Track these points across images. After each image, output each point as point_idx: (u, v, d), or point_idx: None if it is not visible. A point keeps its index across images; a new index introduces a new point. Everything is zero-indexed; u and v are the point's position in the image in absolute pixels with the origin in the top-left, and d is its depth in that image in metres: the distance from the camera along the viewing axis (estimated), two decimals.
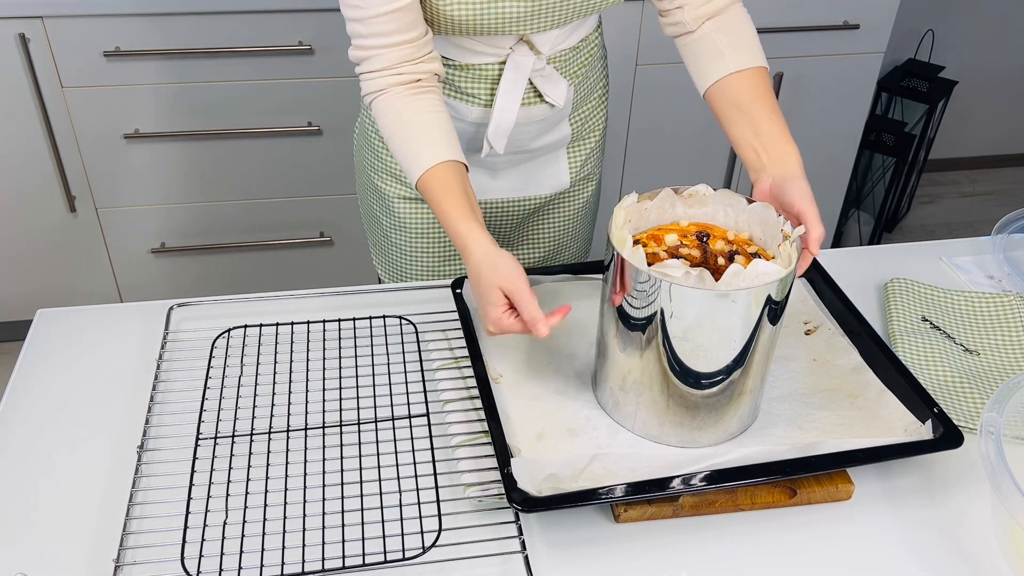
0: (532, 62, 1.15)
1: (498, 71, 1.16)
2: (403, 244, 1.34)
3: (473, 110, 1.19)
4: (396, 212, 1.32)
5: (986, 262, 1.32)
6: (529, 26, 1.10)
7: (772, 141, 1.07)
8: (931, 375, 1.11)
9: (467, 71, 1.16)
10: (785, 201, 1.01)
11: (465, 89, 1.18)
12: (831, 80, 2.41)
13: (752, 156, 1.08)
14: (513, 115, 1.18)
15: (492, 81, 1.17)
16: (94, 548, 0.89)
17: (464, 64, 1.16)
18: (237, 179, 2.24)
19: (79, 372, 1.10)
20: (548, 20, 1.11)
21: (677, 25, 1.16)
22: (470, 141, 1.23)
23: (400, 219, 1.32)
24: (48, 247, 2.26)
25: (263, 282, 2.41)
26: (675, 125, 2.39)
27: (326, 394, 1.06)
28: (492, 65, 1.16)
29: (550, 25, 1.12)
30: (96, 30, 1.97)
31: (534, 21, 1.10)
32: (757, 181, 1.06)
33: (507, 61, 1.15)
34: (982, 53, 3.15)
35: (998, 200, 3.31)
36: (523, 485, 0.88)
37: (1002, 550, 0.90)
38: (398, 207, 1.31)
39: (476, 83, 1.17)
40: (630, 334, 0.93)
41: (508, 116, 1.18)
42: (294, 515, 0.91)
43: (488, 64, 1.16)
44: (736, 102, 1.10)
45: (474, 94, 1.18)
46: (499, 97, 1.17)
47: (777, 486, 0.94)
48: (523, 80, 1.16)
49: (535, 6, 1.07)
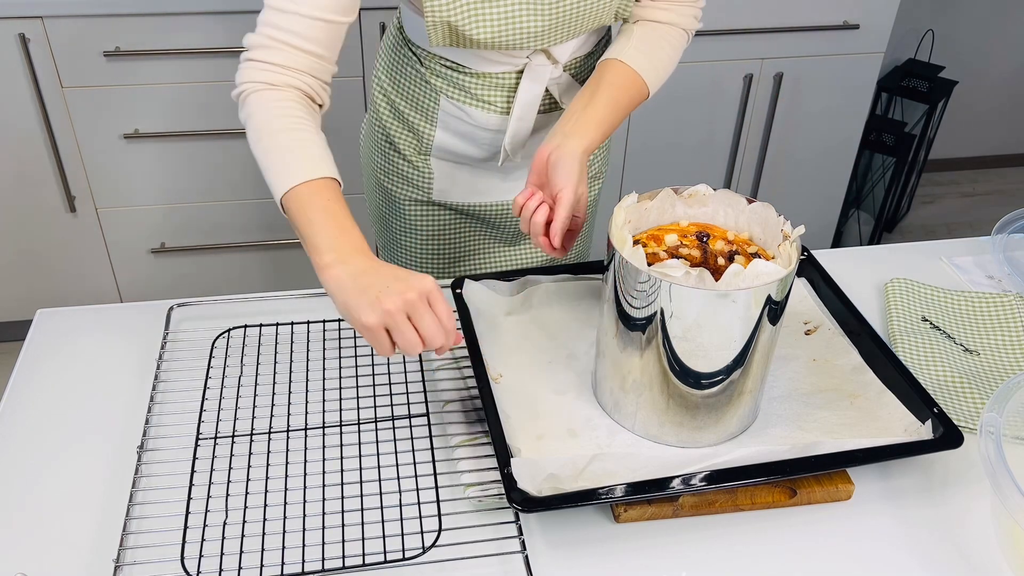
0: (550, 71, 1.15)
1: (515, 80, 1.16)
2: (413, 246, 1.34)
3: (491, 118, 1.19)
4: (407, 215, 1.31)
5: (986, 262, 1.32)
6: (549, 40, 1.10)
7: (585, 122, 1.07)
8: (931, 375, 1.11)
9: (483, 79, 1.16)
10: (554, 175, 1.03)
11: (482, 96, 1.17)
12: (831, 80, 2.41)
13: (561, 121, 1.08)
14: (530, 123, 1.18)
15: (509, 90, 1.17)
16: (94, 548, 0.89)
17: (480, 72, 1.15)
18: (237, 179, 2.23)
19: (79, 372, 1.10)
20: (566, 32, 1.10)
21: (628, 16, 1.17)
22: (484, 148, 1.23)
23: (411, 222, 1.32)
24: (48, 247, 2.26)
25: (263, 282, 2.41)
26: (675, 125, 2.39)
27: (326, 394, 1.06)
28: (509, 74, 1.16)
29: (568, 36, 1.12)
30: (96, 30, 1.97)
31: (554, 35, 1.09)
32: (547, 142, 1.06)
33: (524, 71, 1.15)
34: (982, 53, 3.15)
35: (998, 200, 3.31)
36: (523, 485, 0.88)
37: (1002, 550, 0.90)
38: (409, 210, 1.31)
39: (493, 91, 1.17)
40: (630, 334, 0.93)
41: (525, 125, 1.18)
42: (294, 515, 0.91)
43: (505, 73, 1.15)
44: (600, 77, 1.11)
45: (491, 101, 1.17)
46: (516, 107, 1.16)
47: (777, 486, 0.94)
48: (540, 89, 1.16)
49: (554, 21, 1.07)
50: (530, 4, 1.05)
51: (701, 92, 2.36)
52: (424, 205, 1.30)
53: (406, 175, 1.28)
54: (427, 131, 1.23)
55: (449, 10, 1.03)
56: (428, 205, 1.30)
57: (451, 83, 1.17)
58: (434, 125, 1.22)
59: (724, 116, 2.41)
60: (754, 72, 2.34)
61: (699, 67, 2.29)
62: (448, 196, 1.29)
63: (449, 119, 1.21)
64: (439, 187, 1.28)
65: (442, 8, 1.03)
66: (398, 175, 1.29)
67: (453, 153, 1.25)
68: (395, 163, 1.28)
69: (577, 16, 1.08)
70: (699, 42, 2.17)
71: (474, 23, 1.04)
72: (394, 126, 1.26)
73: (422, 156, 1.26)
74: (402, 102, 1.24)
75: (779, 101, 2.40)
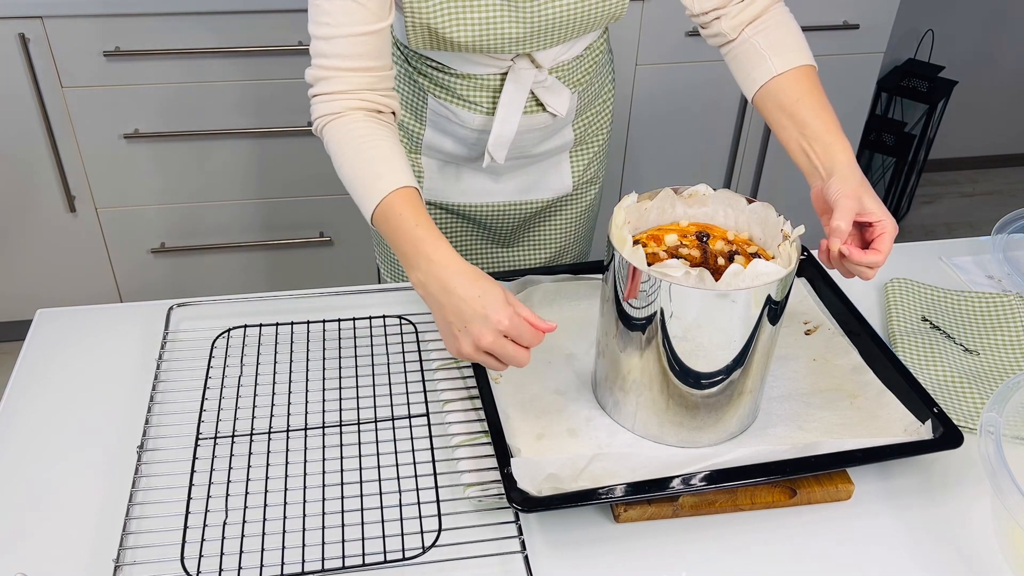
0: (533, 75, 1.15)
1: (499, 82, 1.16)
2: None
3: (475, 117, 1.19)
4: None
5: (986, 262, 1.32)
6: (530, 45, 1.10)
7: (818, 139, 1.03)
8: (931, 375, 1.11)
9: (468, 80, 1.16)
10: (830, 200, 0.98)
11: (466, 97, 1.18)
12: (831, 80, 2.40)
13: (803, 159, 1.05)
14: (514, 126, 1.17)
15: (493, 91, 1.17)
16: (94, 548, 0.89)
17: (464, 73, 1.16)
18: (237, 179, 2.23)
19: (79, 372, 1.09)
20: (548, 39, 1.10)
21: (718, 36, 1.13)
22: (472, 148, 1.23)
23: None
24: (48, 247, 2.26)
25: (263, 282, 2.41)
26: (675, 125, 2.39)
27: (326, 394, 1.06)
28: (493, 75, 1.16)
29: (551, 43, 1.12)
30: (96, 30, 1.97)
31: (535, 41, 1.09)
32: (812, 186, 1.03)
33: (508, 74, 1.15)
34: (982, 53, 3.15)
35: (998, 200, 3.31)
36: (523, 485, 0.88)
37: (1002, 550, 0.90)
38: None
39: (477, 92, 1.17)
40: (630, 334, 0.93)
41: (509, 127, 1.18)
42: (294, 515, 0.91)
43: (489, 75, 1.16)
44: (780, 105, 1.07)
45: (476, 102, 1.18)
46: (500, 109, 1.16)
47: (777, 486, 0.94)
48: (524, 92, 1.16)
49: (534, 28, 1.07)
50: (509, 10, 1.05)
51: (701, 92, 2.36)
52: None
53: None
54: (417, 129, 1.24)
55: (429, 13, 1.04)
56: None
57: (436, 83, 1.18)
58: (423, 123, 1.23)
59: (724, 116, 2.41)
60: None
61: (699, 67, 2.29)
62: (439, 195, 1.30)
63: (437, 118, 1.22)
64: (429, 186, 1.29)
65: (422, 10, 1.04)
66: None
67: (442, 152, 1.25)
68: None
69: (559, 25, 1.08)
70: (699, 42, 2.18)
71: (453, 26, 1.05)
72: None
73: (413, 155, 1.27)
74: None
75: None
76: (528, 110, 1.18)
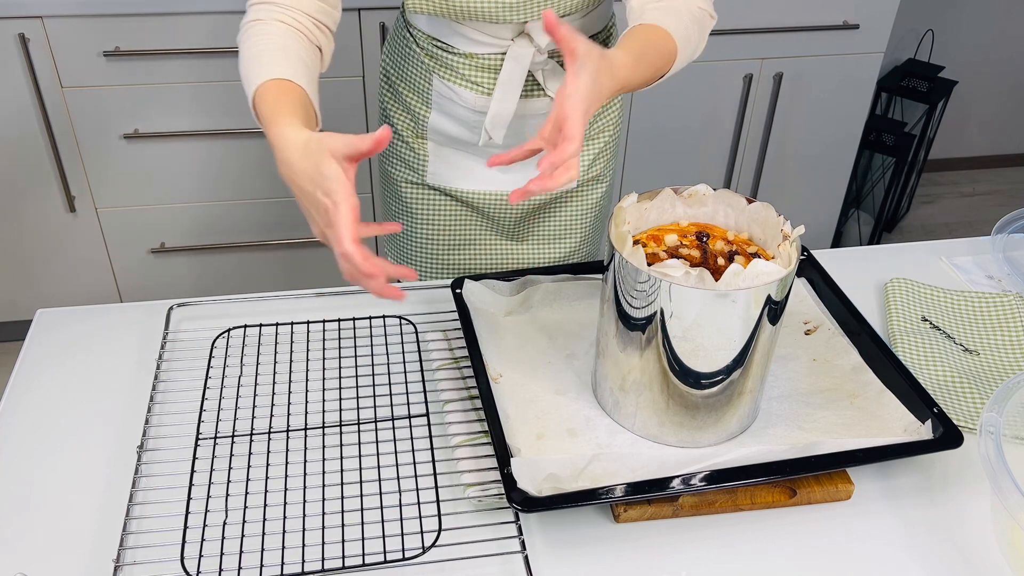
0: (532, 55, 1.16)
1: (500, 62, 1.17)
2: (411, 230, 1.36)
3: (479, 99, 1.20)
4: (403, 197, 1.33)
5: (986, 262, 1.32)
6: (526, 13, 1.11)
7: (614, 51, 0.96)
8: (931, 375, 1.11)
9: (469, 59, 1.17)
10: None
11: (469, 77, 1.19)
12: (831, 80, 2.41)
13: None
14: (512, 106, 1.18)
15: (494, 71, 1.18)
16: (94, 548, 0.89)
17: (466, 52, 1.17)
18: (237, 179, 2.24)
19: (79, 372, 1.10)
20: (543, 8, 1.11)
21: (631, 12, 1.10)
22: (473, 130, 1.24)
23: (407, 204, 1.33)
24: (48, 247, 2.26)
25: (263, 282, 2.42)
26: (675, 125, 2.39)
27: (326, 394, 1.06)
28: (494, 55, 1.17)
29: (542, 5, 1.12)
30: (96, 30, 1.97)
31: (530, 8, 1.10)
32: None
33: (507, 52, 1.16)
34: (982, 53, 3.15)
35: (998, 200, 3.31)
36: (523, 485, 0.88)
37: (1002, 550, 0.90)
38: (405, 192, 1.32)
39: (479, 72, 1.18)
40: (630, 334, 0.93)
41: (507, 107, 1.19)
42: (294, 515, 0.91)
43: (490, 54, 1.17)
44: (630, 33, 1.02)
45: (478, 82, 1.19)
46: (498, 87, 1.17)
47: (777, 486, 0.94)
48: (523, 72, 1.17)
49: None
50: None
51: (701, 92, 2.36)
52: (420, 188, 1.31)
53: (403, 156, 1.30)
54: (422, 112, 1.26)
55: None
56: (424, 188, 1.31)
57: (441, 63, 1.20)
58: (428, 106, 1.25)
59: (724, 116, 2.41)
60: (754, 72, 2.34)
61: (699, 67, 2.28)
62: (442, 180, 1.31)
63: (442, 100, 1.23)
64: (433, 170, 1.30)
65: None
66: (396, 156, 1.31)
67: (447, 136, 1.27)
68: (393, 144, 1.30)
69: None
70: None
71: None
72: (393, 107, 1.30)
73: (419, 138, 1.29)
74: (400, 83, 1.27)
75: (779, 101, 2.40)
76: (528, 93, 1.19)
